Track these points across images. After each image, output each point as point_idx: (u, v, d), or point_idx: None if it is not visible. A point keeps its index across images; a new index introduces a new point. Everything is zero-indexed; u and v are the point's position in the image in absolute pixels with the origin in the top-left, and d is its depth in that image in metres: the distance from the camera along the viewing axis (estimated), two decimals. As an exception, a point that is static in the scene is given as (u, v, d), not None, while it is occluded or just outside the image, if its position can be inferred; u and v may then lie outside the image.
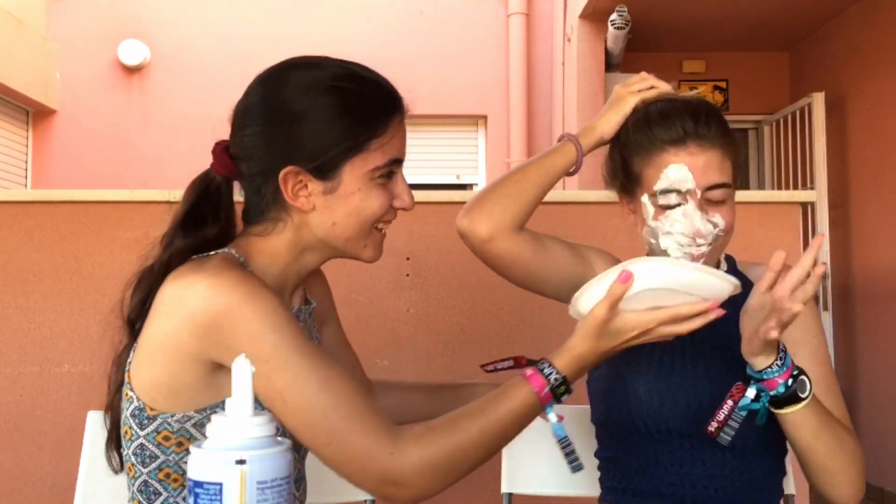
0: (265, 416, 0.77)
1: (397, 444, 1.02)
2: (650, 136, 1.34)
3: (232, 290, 1.03)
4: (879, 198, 4.71)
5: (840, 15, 5.11)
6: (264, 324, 1.03)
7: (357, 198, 1.13)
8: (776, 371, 1.18)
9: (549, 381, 1.08)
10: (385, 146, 1.14)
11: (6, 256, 2.62)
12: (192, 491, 0.74)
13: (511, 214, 1.38)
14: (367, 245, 1.19)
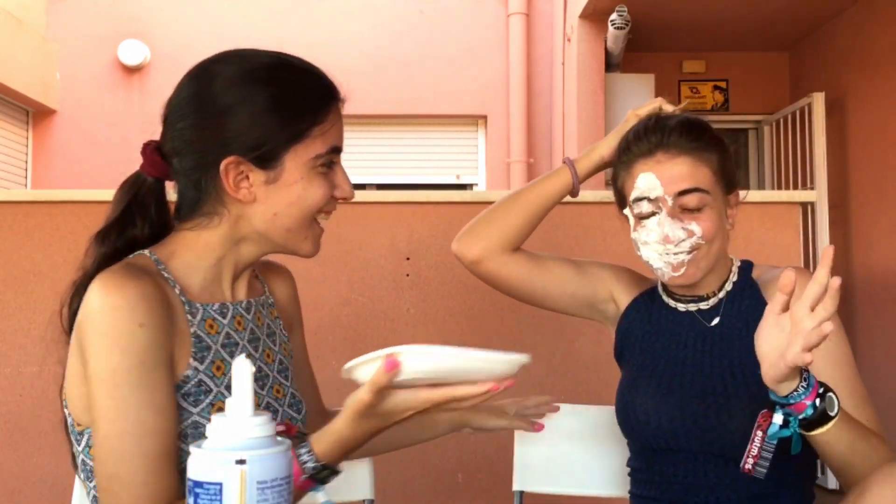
0: (265, 416, 0.77)
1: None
2: (627, 153, 1.39)
3: (104, 297, 1.03)
4: (879, 198, 4.71)
5: (840, 15, 5.10)
6: (114, 345, 1.02)
7: (299, 187, 1.12)
8: (802, 394, 1.10)
9: (305, 471, 0.98)
10: (326, 134, 1.14)
11: (6, 256, 2.62)
12: (191, 491, 0.74)
13: (498, 237, 1.46)
14: (307, 237, 1.16)
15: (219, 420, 0.77)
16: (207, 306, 1.14)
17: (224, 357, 1.13)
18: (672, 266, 1.34)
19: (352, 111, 1.19)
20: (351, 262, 2.69)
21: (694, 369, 1.37)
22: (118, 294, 1.03)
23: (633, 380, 1.42)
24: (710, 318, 1.41)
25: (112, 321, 1.02)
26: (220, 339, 1.14)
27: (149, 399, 1.02)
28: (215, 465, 0.73)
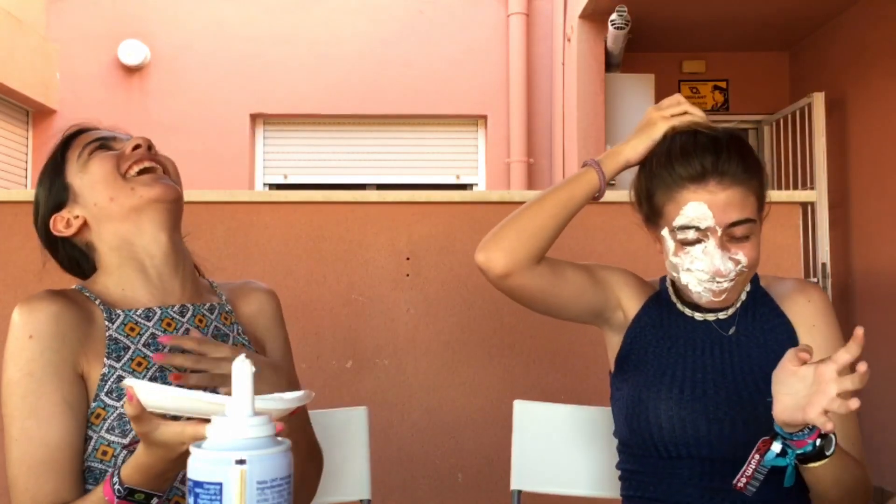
0: (265, 416, 0.77)
1: None
2: (671, 172, 1.33)
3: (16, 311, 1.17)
4: (879, 198, 4.71)
5: (840, 15, 5.10)
6: (9, 357, 1.15)
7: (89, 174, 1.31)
8: (806, 434, 1.16)
9: (117, 492, 1.02)
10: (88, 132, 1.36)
11: (6, 256, 2.62)
12: (191, 491, 0.74)
13: (527, 249, 1.35)
14: (134, 189, 1.28)
15: (219, 420, 0.77)
16: (130, 311, 1.26)
17: (146, 354, 1.23)
18: (713, 293, 1.34)
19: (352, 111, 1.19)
20: (351, 262, 2.69)
21: (716, 376, 1.36)
22: (17, 311, 1.18)
23: (649, 387, 1.38)
24: (726, 328, 1.41)
25: (10, 335, 1.16)
26: (141, 339, 1.24)
27: (32, 408, 1.13)
28: (215, 465, 0.73)
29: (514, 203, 2.76)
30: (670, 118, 1.39)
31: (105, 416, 1.16)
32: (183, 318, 1.29)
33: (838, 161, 5.08)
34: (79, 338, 1.19)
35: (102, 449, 1.16)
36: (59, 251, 1.37)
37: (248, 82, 6.26)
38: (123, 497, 1.03)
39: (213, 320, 1.33)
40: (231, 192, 2.61)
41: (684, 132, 1.36)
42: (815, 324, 1.40)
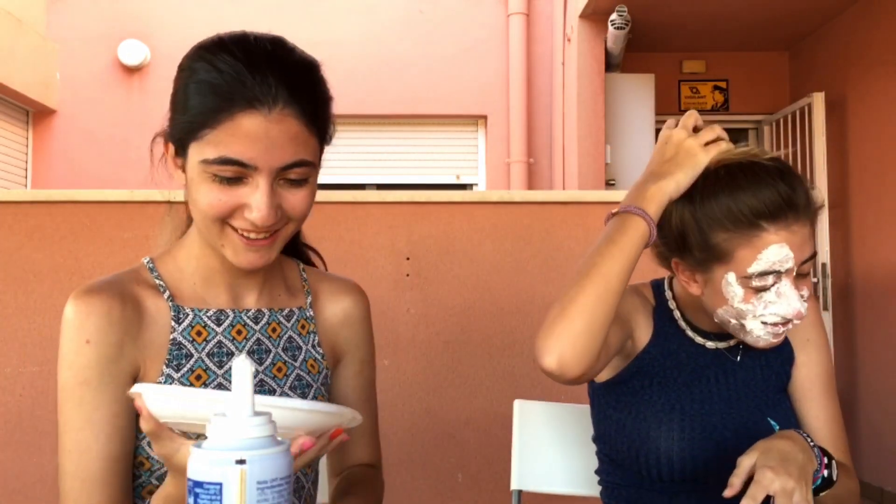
0: (265, 416, 0.77)
1: None
2: (742, 211, 1.19)
3: (68, 310, 1.06)
4: (879, 198, 4.71)
5: (840, 15, 5.11)
6: (63, 361, 1.05)
7: (193, 186, 1.04)
8: (817, 472, 1.16)
9: None
10: (221, 142, 0.99)
11: (6, 256, 2.62)
12: (191, 491, 0.74)
13: (601, 338, 1.15)
14: (224, 244, 1.06)
15: (219, 420, 0.77)
16: (201, 311, 1.12)
17: (208, 366, 1.11)
18: (775, 335, 1.25)
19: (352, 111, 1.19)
20: (351, 262, 2.69)
21: (723, 406, 1.33)
22: (72, 309, 1.06)
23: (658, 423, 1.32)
24: (735, 354, 1.37)
25: (65, 335, 1.06)
26: (207, 347, 1.11)
27: (87, 419, 1.04)
28: (215, 465, 0.73)
29: (514, 203, 2.75)
30: (709, 148, 1.23)
31: None
32: (256, 326, 1.16)
33: (838, 161, 5.09)
34: (139, 342, 1.07)
35: (139, 459, 1.09)
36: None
37: (248, 82, 6.26)
38: None
39: (287, 329, 1.20)
40: (231, 192, 2.61)
41: (740, 164, 1.22)
42: (810, 338, 1.40)
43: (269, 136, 0.99)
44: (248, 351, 1.15)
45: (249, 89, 0.98)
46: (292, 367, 1.19)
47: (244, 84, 0.98)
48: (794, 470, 1.08)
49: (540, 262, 2.68)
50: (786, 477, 1.06)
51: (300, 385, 1.19)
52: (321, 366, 1.23)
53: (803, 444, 1.15)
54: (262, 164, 1.00)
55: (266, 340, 1.17)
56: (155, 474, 1.11)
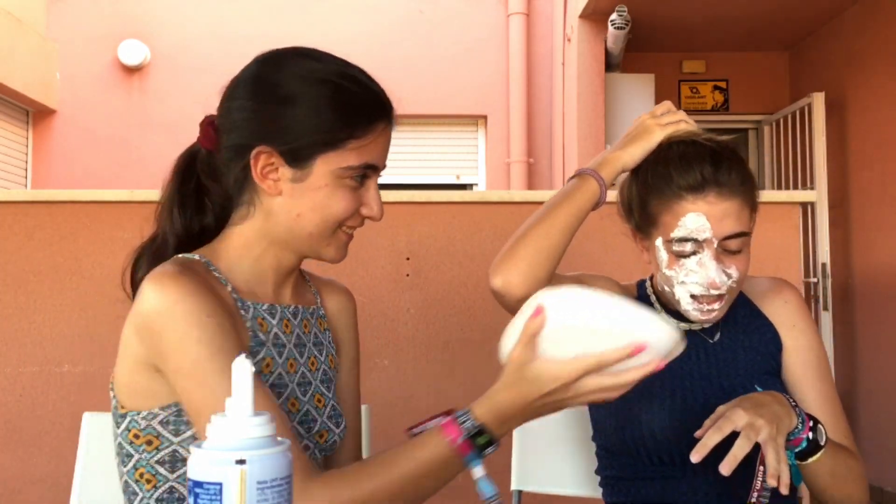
0: (265, 416, 0.77)
1: (308, 483, 0.99)
2: (669, 181, 1.30)
3: (166, 295, 1.03)
4: (879, 198, 4.71)
5: (840, 15, 5.11)
6: (188, 335, 1.02)
7: (323, 193, 1.11)
8: (800, 430, 1.21)
9: (465, 430, 1.00)
10: (363, 148, 1.12)
11: (6, 256, 2.62)
12: (191, 491, 0.74)
13: (545, 269, 1.31)
14: (330, 245, 1.16)
15: (219, 420, 0.77)
16: (258, 305, 1.16)
17: (273, 356, 1.15)
18: (702, 312, 1.33)
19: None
20: (351, 262, 2.68)
21: (702, 383, 1.36)
22: (176, 289, 1.04)
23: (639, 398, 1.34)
24: (711, 334, 1.41)
25: (181, 316, 1.03)
26: (270, 337, 1.15)
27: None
28: (215, 465, 0.73)
29: (514, 203, 2.76)
30: (666, 126, 1.35)
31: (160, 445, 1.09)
32: (295, 321, 1.21)
33: (838, 161, 5.09)
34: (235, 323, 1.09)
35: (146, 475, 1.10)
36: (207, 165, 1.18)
37: (248, 82, 6.26)
38: (470, 436, 0.99)
39: (313, 325, 1.26)
40: (231, 192, 2.61)
41: (682, 141, 1.33)
42: (796, 323, 1.42)
43: (389, 142, 1.19)
44: (293, 344, 1.19)
45: (385, 102, 1.18)
46: (320, 361, 1.25)
47: (379, 96, 1.17)
48: (767, 414, 1.16)
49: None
50: (755, 416, 1.15)
51: (326, 379, 1.25)
52: (336, 361, 1.29)
53: (782, 400, 1.22)
54: (383, 165, 1.18)
55: (302, 336, 1.22)
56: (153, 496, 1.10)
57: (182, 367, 1.02)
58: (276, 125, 1.10)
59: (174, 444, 1.08)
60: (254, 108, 1.13)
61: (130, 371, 1.09)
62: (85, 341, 2.60)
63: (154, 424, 1.08)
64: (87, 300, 2.60)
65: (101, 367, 2.59)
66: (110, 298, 2.68)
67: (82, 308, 2.60)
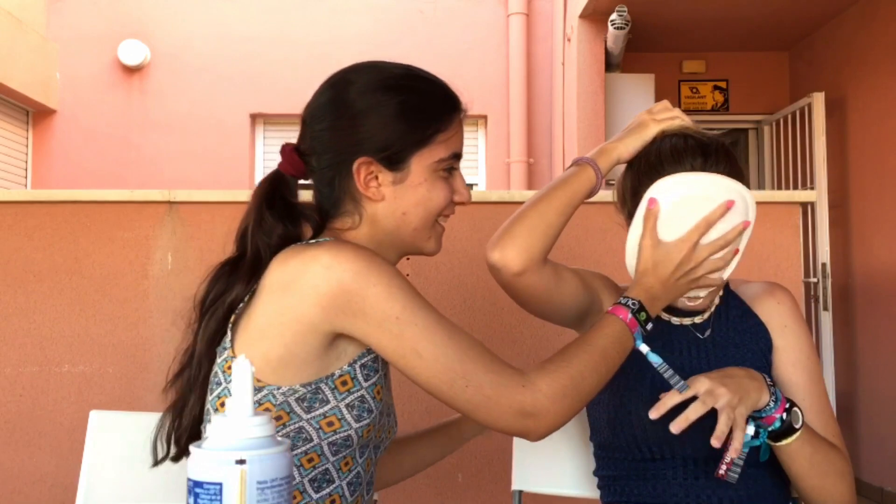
0: (265, 415, 0.77)
1: (526, 378, 1.11)
2: (660, 171, 1.34)
3: (355, 258, 1.10)
4: (879, 198, 4.71)
5: (840, 15, 5.11)
6: (391, 285, 1.10)
7: (423, 188, 1.22)
8: (772, 408, 1.26)
9: (629, 307, 1.23)
10: (449, 140, 1.23)
11: (6, 256, 2.62)
12: (191, 491, 0.74)
13: (540, 247, 1.36)
14: (430, 237, 1.28)
15: (219, 420, 0.77)
16: None
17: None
18: (688, 297, 1.37)
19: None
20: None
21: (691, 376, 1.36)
22: (362, 251, 1.11)
23: (630, 390, 1.39)
24: (702, 331, 1.44)
25: (378, 272, 1.10)
26: None
27: (438, 312, 1.16)
28: (215, 465, 0.73)
29: (514, 203, 2.75)
30: (662, 121, 1.40)
31: (352, 388, 1.15)
32: None
33: (838, 161, 5.09)
34: None
35: (329, 419, 1.14)
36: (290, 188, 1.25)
37: (248, 82, 6.26)
38: (635, 312, 1.23)
39: None
40: (231, 192, 2.61)
41: (674, 135, 1.38)
42: (787, 324, 1.44)
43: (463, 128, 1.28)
44: None
45: (454, 93, 1.27)
46: None
47: (447, 91, 1.26)
48: (732, 384, 1.24)
49: (540, 262, 2.68)
50: (718, 385, 1.23)
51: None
52: None
53: (755, 375, 1.28)
54: (462, 152, 1.28)
55: None
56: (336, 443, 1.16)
57: (392, 313, 1.10)
58: (368, 136, 1.19)
59: (303, 420, 1.12)
60: (341, 126, 1.20)
61: (289, 343, 1.11)
62: (85, 341, 2.60)
63: (290, 400, 1.12)
64: (87, 300, 2.60)
65: (101, 367, 2.59)
66: (110, 298, 2.68)
67: (82, 308, 2.60)
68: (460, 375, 1.10)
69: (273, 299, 1.12)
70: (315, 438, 1.13)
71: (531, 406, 1.09)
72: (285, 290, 1.11)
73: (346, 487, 1.17)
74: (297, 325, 1.10)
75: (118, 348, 2.60)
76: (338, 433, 1.14)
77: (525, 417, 1.10)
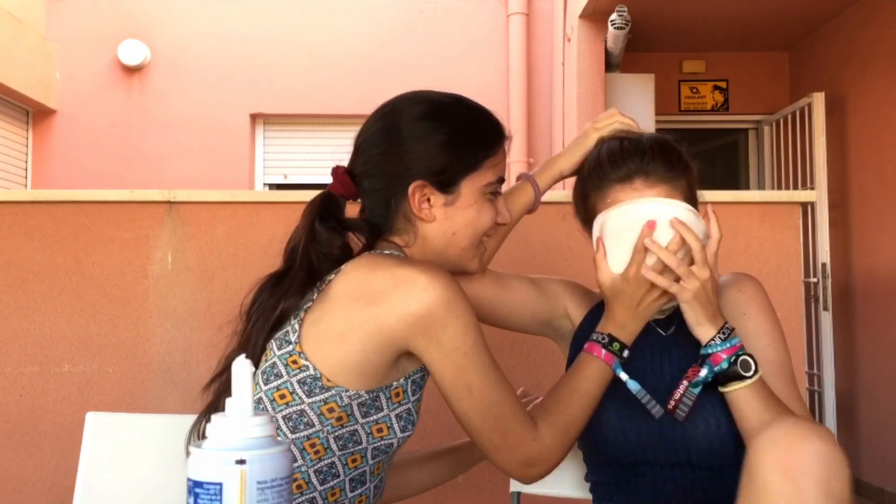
0: (265, 416, 0.77)
1: (537, 431, 1.22)
2: (602, 175, 1.40)
3: (447, 287, 1.17)
4: (879, 198, 4.71)
5: (840, 15, 5.11)
6: (468, 321, 1.19)
7: (473, 210, 1.30)
8: (718, 345, 1.28)
9: (601, 343, 1.30)
10: (496, 166, 1.32)
11: (6, 256, 2.62)
12: (191, 491, 0.74)
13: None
14: (475, 256, 1.34)
15: (219, 420, 0.77)
16: None
17: None
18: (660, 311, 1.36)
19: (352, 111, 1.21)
20: (351, 262, 2.68)
21: (655, 377, 1.37)
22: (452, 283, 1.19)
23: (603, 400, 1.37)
24: (666, 327, 1.42)
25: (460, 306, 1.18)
26: None
27: (492, 357, 1.23)
28: (215, 465, 0.73)
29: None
30: (601, 129, 1.49)
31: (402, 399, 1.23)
32: None
33: (838, 161, 5.09)
34: None
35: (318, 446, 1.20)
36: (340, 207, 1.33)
37: (248, 82, 6.26)
38: (607, 345, 1.30)
39: None
40: (231, 192, 2.61)
41: (613, 139, 1.44)
42: (746, 311, 1.41)
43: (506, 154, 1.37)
44: None
45: (499, 124, 1.39)
46: None
47: (493, 119, 1.39)
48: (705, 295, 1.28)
49: (539, 263, 2.68)
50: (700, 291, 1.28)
51: None
52: None
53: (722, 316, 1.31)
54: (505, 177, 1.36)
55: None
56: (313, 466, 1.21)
57: (462, 346, 1.18)
58: (420, 162, 1.28)
59: (359, 423, 1.20)
60: (396, 152, 1.29)
61: (367, 351, 1.17)
62: (85, 341, 2.60)
63: (354, 403, 1.19)
64: (87, 300, 2.60)
65: (101, 367, 2.59)
66: (110, 298, 2.68)
67: (82, 308, 2.60)
68: (495, 417, 1.20)
69: (357, 307, 1.18)
70: (364, 442, 1.21)
71: (536, 457, 1.22)
72: (373, 301, 1.17)
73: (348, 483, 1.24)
74: (380, 336, 1.16)
75: (118, 348, 2.60)
76: (384, 440, 1.23)
77: (529, 466, 1.22)
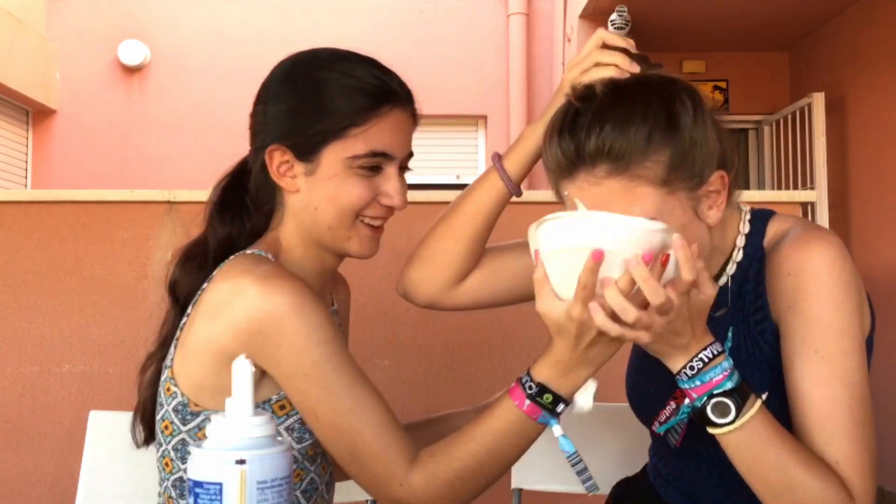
0: (265, 416, 0.77)
1: (407, 475, 1.04)
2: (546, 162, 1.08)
3: (281, 299, 1.03)
4: (879, 198, 4.71)
5: (840, 15, 5.11)
6: (308, 338, 1.04)
7: (334, 183, 1.12)
8: (684, 382, 0.97)
9: (527, 391, 1.02)
10: (366, 136, 1.12)
11: (6, 256, 2.62)
12: (191, 491, 0.74)
13: (444, 276, 1.23)
14: (351, 237, 1.16)
15: (219, 420, 0.77)
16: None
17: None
18: None
19: (352, 111, 1.20)
20: (350, 262, 2.68)
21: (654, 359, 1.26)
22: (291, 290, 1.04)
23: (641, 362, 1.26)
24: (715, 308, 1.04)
25: (299, 319, 1.03)
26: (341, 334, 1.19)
27: (354, 376, 1.06)
28: (215, 465, 0.73)
29: (513, 203, 2.75)
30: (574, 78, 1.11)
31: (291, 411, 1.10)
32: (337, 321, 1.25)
33: (838, 161, 5.09)
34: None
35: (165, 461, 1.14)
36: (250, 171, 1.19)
37: (248, 82, 6.23)
38: (534, 396, 1.01)
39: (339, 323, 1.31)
40: (231, 192, 2.61)
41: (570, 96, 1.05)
42: (792, 304, 1.06)
43: (403, 130, 1.16)
44: None
45: (394, 90, 1.15)
46: None
47: (388, 85, 1.15)
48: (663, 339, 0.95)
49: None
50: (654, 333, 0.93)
51: None
52: None
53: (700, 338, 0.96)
54: (398, 153, 1.15)
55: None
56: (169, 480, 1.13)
57: (301, 368, 1.04)
58: (282, 122, 1.13)
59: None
60: (265, 109, 1.16)
61: (219, 372, 1.05)
62: (85, 341, 2.60)
63: None
64: (87, 300, 2.60)
65: (101, 367, 2.59)
66: (110, 298, 2.68)
67: (82, 308, 2.60)
68: (348, 450, 1.05)
69: (204, 322, 1.07)
70: None
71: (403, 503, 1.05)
72: (213, 315, 1.06)
73: (301, 496, 1.15)
74: (222, 356, 1.04)
75: (118, 348, 2.60)
76: None
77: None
